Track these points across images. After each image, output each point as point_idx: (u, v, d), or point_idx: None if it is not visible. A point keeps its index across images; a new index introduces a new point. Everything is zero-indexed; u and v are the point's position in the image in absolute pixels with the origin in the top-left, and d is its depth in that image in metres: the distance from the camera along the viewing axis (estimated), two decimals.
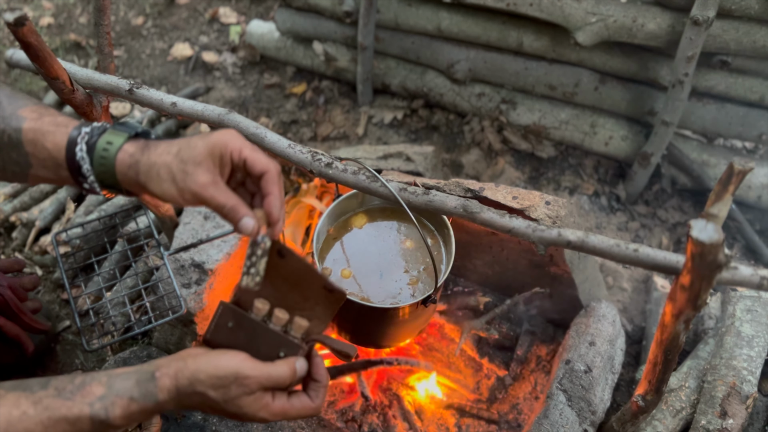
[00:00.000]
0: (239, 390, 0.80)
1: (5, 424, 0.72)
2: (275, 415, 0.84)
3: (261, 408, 0.82)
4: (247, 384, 0.81)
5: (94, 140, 0.85)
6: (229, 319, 0.87)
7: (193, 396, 0.81)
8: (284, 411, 0.84)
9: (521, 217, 0.99)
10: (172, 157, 0.80)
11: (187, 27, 3.01)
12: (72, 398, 0.77)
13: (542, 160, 2.27)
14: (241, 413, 0.82)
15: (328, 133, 2.44)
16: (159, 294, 1.49)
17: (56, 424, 0.74)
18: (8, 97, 0.92)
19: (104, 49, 1.26)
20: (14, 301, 1.36)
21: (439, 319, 1.64)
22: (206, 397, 0.80)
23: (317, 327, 0.91)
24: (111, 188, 0.87)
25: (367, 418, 1.47)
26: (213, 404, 0.81)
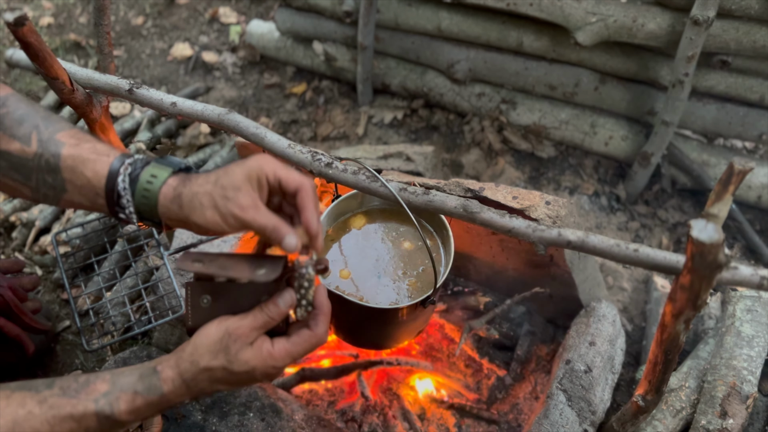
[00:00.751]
0: (237, 344, 0.80)
1: (12, 423, 0.72)
2: (282, 358, 0.82)
3: (266, 357, 0.81)
4: (241, 335, 0.80)
5: (138, 173, 0.86)
6: (201, 293, 0.87)
7: (200, 376, 0.80)
8: (288, 351, 0.83)
9: (521, 217, 0.99)
10: (211, 186, 0.81)
11: (187, 27, 3.01)
12: (77, 396, 0.77)
13: (542, 160, 2.27)
14: (250, 370, 0.81)
15: (328, 133, 2.44)
16: (159, 294, 1.49)
17: (62, 422, 0.75)
18: (45, 120, 0.91)
19: (104, 49, 1.26)
20: (14, 302, 1.36)
21: (439, 319, 1.64)
22: (212, 369, 0.80)
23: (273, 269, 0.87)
24: (148, 220, 0.88)
25: (367, 418, 1.47)
26: (221, 375, 0.81)
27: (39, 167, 0.89)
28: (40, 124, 0.90)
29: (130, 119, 2.41)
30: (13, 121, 0.89)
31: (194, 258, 0.87)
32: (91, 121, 1.31)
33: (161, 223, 0.88)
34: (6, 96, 0.92)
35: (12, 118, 0.90)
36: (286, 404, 1.37)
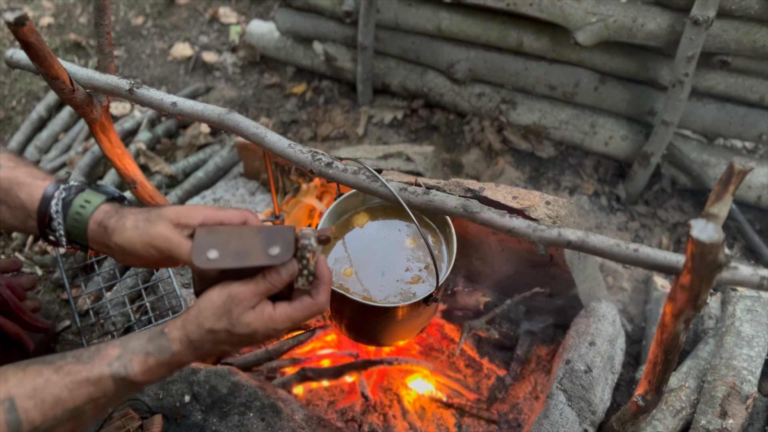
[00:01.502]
0: (239, 308, 0.83)
1: (32, 391, 0.75)
2: (283, 321, 0.86)
3: (267, 320, 0.84)
4: (243, 298, 0.83)
5: (71, 198, 0.92)
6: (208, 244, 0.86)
7: (205, 337, 0.84)
8: (289, 315, 0.86)
9: (521, 217, 0.99)
10: (141, 212, 0.90)
11: (187, 27, 3.01)
12: (91, 362, 0.80)
13: (542, 160, 2.27)
14: (251, 332, 0.84)
15: (328, 133, 2.44)
16: (159, 294, 1.49)
17: (80, 386, 0.77)
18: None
19: (104, 49, 1.26)
20: (13, 300, 1.36)
21: (439, 319, 1.64)
22: (215, 331, 0.83)
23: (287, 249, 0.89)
24: (75, 243, 0.94)
25: (367, 418, 1.47)
26: (224, 336, 0.84)
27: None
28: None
29: (131, 119, 2.41)
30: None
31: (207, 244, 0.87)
32: (91, 121, 1.31)
33: (88, 247, 0.94)
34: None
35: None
36: (286, 404, 1.37)
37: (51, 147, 2.36)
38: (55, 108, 2.50)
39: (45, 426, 0.75)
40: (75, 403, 0.77)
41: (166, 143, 2.36)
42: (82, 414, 0.78)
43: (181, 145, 2.38)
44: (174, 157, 2.34)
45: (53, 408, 0.76)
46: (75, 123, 2.44)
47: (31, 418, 0.74)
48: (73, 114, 2.45)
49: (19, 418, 0.73)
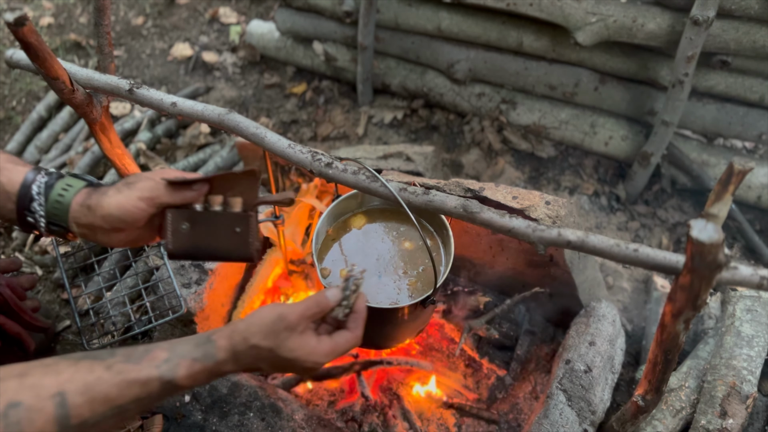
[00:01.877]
0: (287, 332, 0.87)
1: (83, 386, 0.76)
2: (325, 354, 0.90)
3: (310, 350, 0.88)
4: (292, 321, 0.88)
5: (52, 182, 0.98)
6: (182, 220, 1.00)
7: (249, 351, 0.86)
8: (332, 348, 0.90)
9: (521, 217, 0.99)
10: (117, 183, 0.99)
11: (187, 27, 3.01)
12: (140, 363, 0.82)
13: (542, 160, 2.27)
14: (293, 358, 0.87)
15: (328, 133, 2.44)
16: (159, 294, 1.49)
17: (129, 386, 0.79)
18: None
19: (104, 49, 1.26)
20: (13, 300, 1.35)
21: (439, 319, 1.64)
22: (260, 348, 0.86)
23: (250, 197, 1.05)
24: (55, 226, 0.99)
25: (367, 418, 1.47)
26: (267, 355, 0.87)
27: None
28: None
29: (130, 119, 2.41)
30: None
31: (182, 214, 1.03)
32: (91, 121, 1.31)
33: (67, 230, 0.99)
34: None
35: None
36: (286, 404, 1.37)
37: (51, 147, 2.36)
38: (55, 108, 2.50)
39: (91, 422, 0.77)
40: (122, 401, 0.79)
41: (166, 143, 2.36)
42: (126, 412, 0.80)
43: (181, 145, 2.38)
44: (174, 157, 2.34)
45: (102, 405, 0.77)
46: (75, 123, 2.44)
47: (80, 414, 0.76)
48: (73, 114, 2.45)
49: (69, 413, 0.75)
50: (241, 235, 1.05)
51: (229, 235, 1.04)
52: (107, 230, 0.97)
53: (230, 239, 1.05)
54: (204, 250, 1.05)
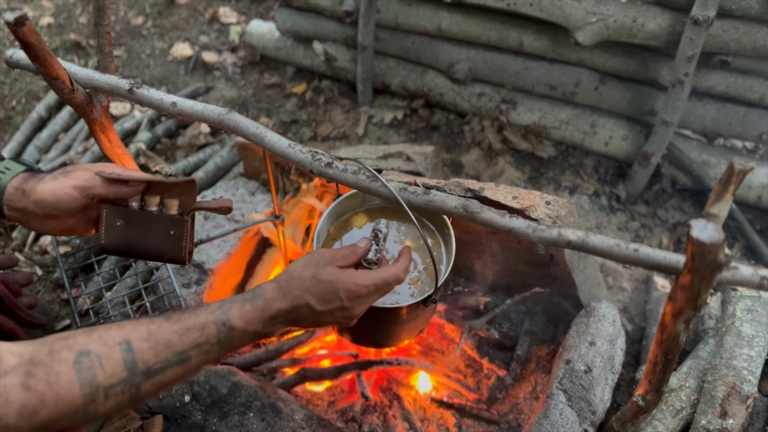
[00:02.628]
0: (324, 260, 0.94)
1: (146, 334, 0.81)
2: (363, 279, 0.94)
3: (350, 275, 0.93)
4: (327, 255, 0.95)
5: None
6: (116, 217, 1.02)
7: (293, 283, 0.92)
8: (369, 275, 0.95)
9: (521, 217, 0.99)
10: (55, 171, 1.00)
11: (187, 27, 3.01)
12: (195, 312, 0.87)
13: (542, 160, 2.27)
14: (335, 279, 0.92)
15: (328, 133, 2.44)
16: (159, 294, 1.49)
17: (188, 331, 0.84)
18: None
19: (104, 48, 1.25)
20: (8, 296, 1.35)
21: (439, 319, 1.64)
22: (303, 278, 0.92)
23: (187, 202, 1.07)
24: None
25: (367, 418, 1.47)
26: (310, 284, 0.92)
27: None
28: None
29: (130, 119, 2.41)
30: None
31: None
32: (91, 121, 1.30)
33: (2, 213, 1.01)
34: None
35: None
36: (286, 404, 1.37)
37: (51, 147, 2.36)
38: (55, 108, 2.50)
39: (156, 367, 0.80)
40: (183, 347, 0.83)
41: (166, 143, 2.36)
42: (188, 359, 0.84)
43: (181, 145, 2.38)
44: (174, 157, 2.34)
45: (165, 350, 0.81)
46: (75, 123, 2.44)
47: (146, 358, 0.79)
48: (73, 114, 2.45)
49: (135, 357, 0.78)
50: (175, 238, 1.07)
51: (163, 236, 1.06)
52: (40, 216, 0.99)
53: (164, 240, 1.07)
54: (137, 249, 1.07)
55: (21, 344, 0.74)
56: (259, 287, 0.93)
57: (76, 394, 0.72)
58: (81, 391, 0.73)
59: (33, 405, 0.69)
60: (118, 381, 0.76)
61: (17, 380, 0.69)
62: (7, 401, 0.67)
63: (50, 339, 0.76)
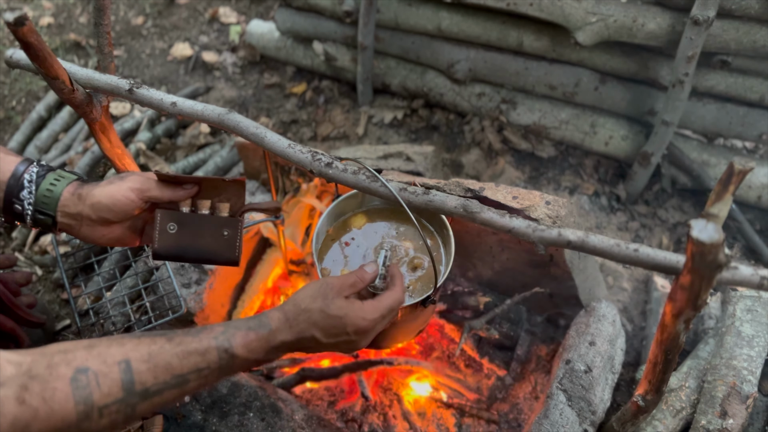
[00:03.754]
0: (333, 293, 0.93)
1: (146, 355, 0.80)
2: (371, 311, 0.95)
3: (358, 309, 0.94)
4: (336, 286, 0.95)
5: (44, 173, 1.01)
6: (169, 221, 1.03)
7: (300, 316, 0.91)
8: (375, 306, 0.96)
9: (521, 217, 0.99)
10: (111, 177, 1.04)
11: (187, 27, 3.01)
12: (198, 336, 0.87)
13: (542, 159, 2.27)
14: (343, 315, 0.92)
15: (328, 133, 2.44)
16: (159, 294, 1.49)
17: (189, 355, 0.84)
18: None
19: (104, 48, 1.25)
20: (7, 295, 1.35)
21: (439, 319, 1.64)
22: (311, 311, 0.91)
23: (237, 204, 1.09)
24: (42, 215, 1.01)
25: (367, 418, 1.47)
26: (318, 317, 0.91)
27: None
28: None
29: (130, 119, 2.41)
30: None
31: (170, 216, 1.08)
32: (91, 121, 1.30)
33: (53, 220, 1.01)
34: None
35: None
36: (286, 404, 1.37)
37: (51, 147, 2.36)
38: (55, 108, 2.50)
39: (154, 389, 0.80)
40: (183, 370, 0.83)
41: (166, 143, 2.36)
42: (187, 383, 0.83)
43: (181, 145, 2.38)
44: (174, 157, 2.34)
45: (164, 373, 0.81)
46: (75, 123, 2.44)
47: (144, 380, 0.79)
48: (73, 114, 2.45)
49: (133, 378, 0.78)
50: (228, 239, 1.07)
51: (216, 238, 1.07)
52: (93, 221, 1.00)
53: (217, 242, 1.07)
54: (189, 252, 1.07)
55: (20, 353, 0.74)
56: (265, 315, 0.92)
57: (70, 411, 0.73)
58: (75, 409, 0.73)
59: (26, 419, 0.69)
60: (114, 401, 0.76)
61: (12, 393, 0.69)
62: (1, 413, 0.67)
63: (50, 350, 0.77)
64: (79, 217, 1.00)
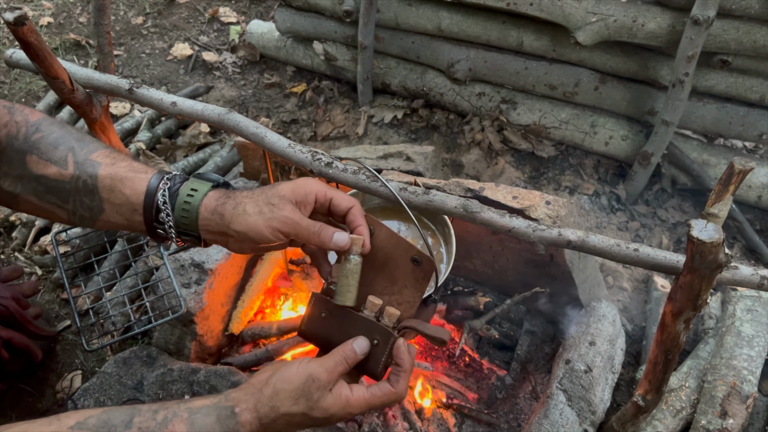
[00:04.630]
0: (319, 392, 0.80)
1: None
2: (359, 406, 0.83)
3: (344, 404, 0.82)
4: (323, 380, 0.81)
5: (177, 187, 0.88)
6: (323, 308, 0.89)
7: (279, 420, 0.80)
8: (366, 400, 0.84)
9: (521, 217, 0.99)
10: (257, 195, 0.85)
11: (187, 26, 3.01)
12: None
13: (542, 159, 2.27)
14: (328, 417, 0.82)
15: (328, 133, 2.44)
16: (159, 294, 1.49)
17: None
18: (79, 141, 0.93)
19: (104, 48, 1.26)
20: (19, 312, 1.36)
21: (439, 319, 1.64)
22: (291, 415, 0.80)
23: (407, 313, 0.92)
24: (187, 235, 0.89)
25: (367, 418, 1.47)
26: (300, 420, 0.81)
27: (77, 189, 0.89)
28: (75, 146, 0.91)
29: (130, 119, 2.41)
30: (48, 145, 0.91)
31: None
32: (91, 121, 1.31)
33: (200, 238, 0.89)
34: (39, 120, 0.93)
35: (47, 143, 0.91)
36: None
37: None
38: (55, 108, 2.50)
39: None
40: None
41: (166, 143, 2.36)
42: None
43: (181, 144, 2.38)
44: (174, 157, 2.34)
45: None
46: (75, 123, 2.44)
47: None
48: (73, 114, 2.45)
49: None
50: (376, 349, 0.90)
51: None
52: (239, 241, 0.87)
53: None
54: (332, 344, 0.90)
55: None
56: (235, 418, 0.79)
57: None
58: None
59: None
60: None
61: None
62: None
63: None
64: (224, 235, 0.87)
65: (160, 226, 0.88)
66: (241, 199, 0.86)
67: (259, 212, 0.83)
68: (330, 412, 0.81)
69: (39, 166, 0.90)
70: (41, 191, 0.90)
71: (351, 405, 0.82)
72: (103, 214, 0.90)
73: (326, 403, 0.80)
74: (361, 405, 0.83)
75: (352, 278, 0.88)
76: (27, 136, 0.91)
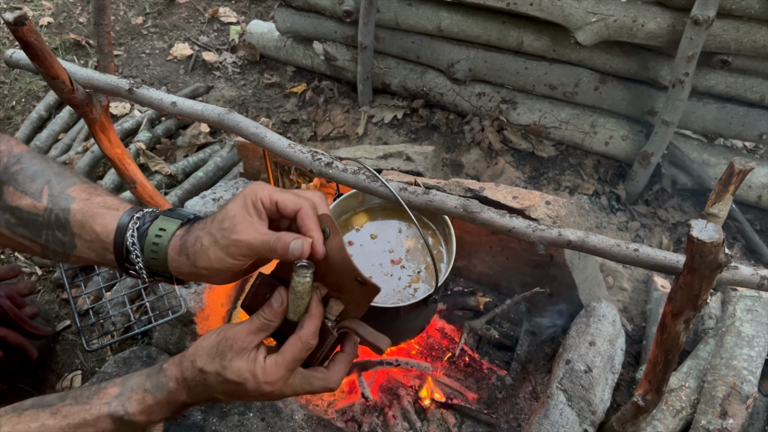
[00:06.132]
0: (232, 352, 0.77)
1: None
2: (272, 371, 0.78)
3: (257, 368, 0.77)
4: (237, 339, 0.77)
5: (146, 227, 0.84)
6: (266, 290, 0.85)
7: (197, 377, 0.79)
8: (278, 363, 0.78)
9: (521, 217, 0.99)
10: (210, 224, 0.80)
11: (187, 26, 3.01)
12: (89, 402, 0.78)
13: (542, 159, 2.27)
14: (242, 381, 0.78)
15: (328, 133, 2.44)
16: (159, 294, 1.49)
17: (77, 428, 0.75)
18: (57, 176, 0.91)
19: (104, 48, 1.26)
20: (13, 310, 1.36)
21: (439, 319, 1.64)
22: (206, 373, 0.78)
23: (352, 312, 0.87)
24: (159, 275, 0.86)
25: (367, 418, 1.47)
26: (214, 381, 0.78)
27: (49, 223, 0.88)
28: (52, 180, 0.90)
29: (130, 119, 2.41)
30: (26, 177, 0.89)
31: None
32: (91, 121, 1.30)
33: (173, 278, 0.86)
34: (21, 153, 0.92)
35: (25, 175, 0.89)
36: (286, 404, 1.37)
37: (51, 147, 2.36)
38: (55, 108, 2.50)
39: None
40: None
41: (166, 143, 2.36)
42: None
43: (181, 144, 2.38)
44: (174, 157, 2.34)
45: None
46: (75, 123, 2.44)
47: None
48: (73, 114, 2.45)
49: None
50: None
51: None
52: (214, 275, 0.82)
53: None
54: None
55: None
56: (163, 373, 0.80)
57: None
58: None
59: None
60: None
61: None
62: None
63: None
64: (196, 275, 0.82)
65: (132, 267, 0.85)
66: (197, 232, 0.80)
67: (214, 242, 0.78)
68: (243, 376, 0.77)
69: (14, 197, 0.88)
70: (13, 223, 0.88)
71: (266, 373, 0.77)
72: (75, 250, 0.88)
73: (238, 365, 0.77)
74: (273, 369, 0.77)
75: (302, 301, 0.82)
76: (7, 166, 0.90)
